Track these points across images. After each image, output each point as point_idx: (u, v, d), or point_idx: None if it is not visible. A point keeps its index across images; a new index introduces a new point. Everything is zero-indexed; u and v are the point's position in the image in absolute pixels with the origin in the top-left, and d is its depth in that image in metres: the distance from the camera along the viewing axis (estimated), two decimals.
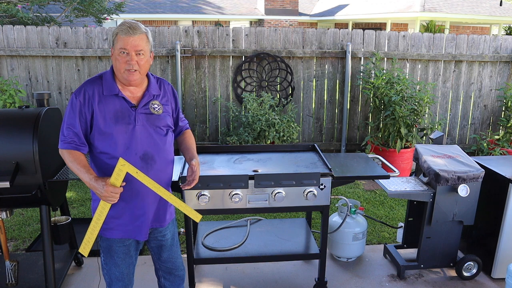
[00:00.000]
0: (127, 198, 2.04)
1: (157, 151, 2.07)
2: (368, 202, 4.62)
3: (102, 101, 1.98)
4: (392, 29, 17.12)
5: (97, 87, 1.99)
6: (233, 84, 5.69)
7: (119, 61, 1.94)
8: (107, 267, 2.17)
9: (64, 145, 1.99)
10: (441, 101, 6.02)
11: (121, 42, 1.92)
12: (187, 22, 17.40)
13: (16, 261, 2.81)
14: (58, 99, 5.56)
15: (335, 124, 5.98)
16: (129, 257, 2.17)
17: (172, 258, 2.35)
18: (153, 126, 2.06)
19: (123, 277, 2.18)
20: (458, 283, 3.14)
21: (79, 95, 1.97)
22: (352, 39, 5.72)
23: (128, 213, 2.07)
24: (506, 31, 17.06)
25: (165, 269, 2.37)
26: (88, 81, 2.03)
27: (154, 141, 2.06)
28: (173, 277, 2.40)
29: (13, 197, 2.54)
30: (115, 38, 1.94)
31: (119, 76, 1.99)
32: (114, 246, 2.11)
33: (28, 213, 4.27)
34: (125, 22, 1.96)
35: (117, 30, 1.94)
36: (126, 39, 1.91)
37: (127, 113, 2.00)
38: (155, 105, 2.09)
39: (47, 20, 8.99)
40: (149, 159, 2.05)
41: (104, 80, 2.01)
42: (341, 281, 3.17)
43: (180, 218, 4.10)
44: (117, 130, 1.97)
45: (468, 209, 3.04)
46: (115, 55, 1.95)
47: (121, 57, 1.93)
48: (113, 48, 1.97)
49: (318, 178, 2.60)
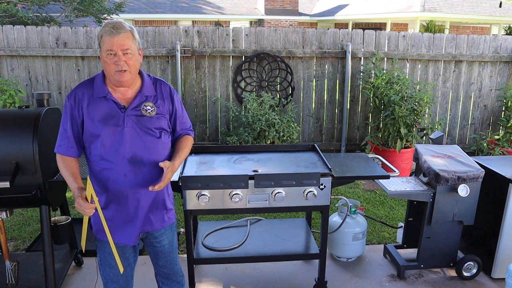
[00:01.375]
0: (117, 202, 2.03)
1: (147, 154, 2.00)
2: (368, 202, 4.62)
3: (91, 104, 1.96)
4: (392, 29, 17.12)
5: (87, 89, 1.98)
6: (233, 84, 5.69)
7: (107, 63, 1.89)
8: (102, 268, 2.17)
9: (56, 148, 2.04)
10: (441, 101, 6.02)
11: (107, 44, 1.86)
12: (187, 22, 17.40)
13: (16, 261, 2.81)
14: (58, 99, 5.56)
15: (335, 124, 5.98)
16: (124, 259, 2.12)
17: (170, 264, 2.30)
18: (144, 128, 1.99)
19: (117, 279, 2.16)
20: (458, 283, 3.14)
21: (70, 98, 1.98)
22: (352, 39, 5.72)
23: (118, 217, 2.05)
24: (506, 31, 17.05)
25: (163, 274, 2.34)
26: (81, 84, 2.02)
27: (144, 144, 2.00)
28: (171, 282, 2.36)
29: (13, 197, 2.54)
30: (101, 41, 1.89)
31: (110, 78, 1.94)
32: (107, 248, 2.08)
33: (28, 213, 4.27)
34: (108, 23, 1.89)
35: (101, 32, 1.88)
36: (111, 40, 1.85)
37: (116, 115, 1.95)
38: (148, 107, 2.01)
39: (47, 20, 8.99)
40: (137, 162, 1.99)
41: (95, 83, 2.00)
42: (341, 281, 3.17)
43: (180, 218, 4.11)
44: (105, 132, 1.94)
45: (468, 209, 3.03)
46: (103, 57, 1.90)
47: (108, 58, 1.88)
48: (100, 51, 1.92)
49: (318, 178, 2.60)
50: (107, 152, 1.96)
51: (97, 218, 2.02)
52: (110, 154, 1.96)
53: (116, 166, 1.97)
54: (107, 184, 2.00)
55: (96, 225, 2.08)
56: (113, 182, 1.99)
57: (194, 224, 3.31)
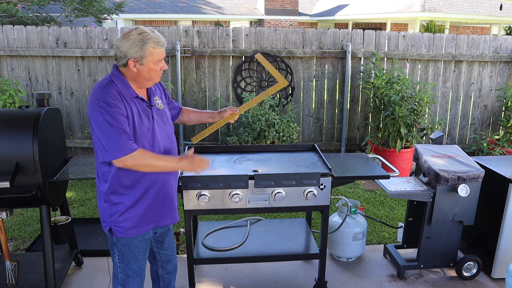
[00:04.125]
0: (160, 190, 2.14)
1: (169, 143, 2.18)
2: (368, 202, 4.62)
3: (127, 104, 1.99)
4: (392, 29, 17.12)
5: (117, 91, 1.98)
6: (233, 84, 5.69)
7: (156, 71, 2.01)
8: (123, 264, 2.19)
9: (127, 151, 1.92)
10: (441, 101, 6.02)
11: (159, 54, 1.98)
12: (187, 22, 17.40)
13: (16, 261, 2.81)
14: (58, 99, 5.56)
15: (335, 124, 5.98)
16: (147, 252, 2.25)
17: (171, 243, 2.47)
18: (163, 120, 2.15)
19: (141, 272, 2.24)
20: (458, 283, 3.14)
21: (111, 99, 1.93)
22: (352, 39, 5.72)
23: (163, 202, 2.17)
24: (506, 31, 17.05)
25: (164, 257, 2.46)
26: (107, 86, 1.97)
27: (167, 135, 2.17)
28: (170, 266, 2.50)
29: (13, 197, 2.54)
30: (146, 52, 1.93)
31: (145, 82, 2.04)
32: (135, 242, 2.15)
33: (28, 213, 4.27)
34: (152, 36, 1.95)
35: (148, 44, 1.93)
36: (162, 52, 1.99)
37: (146, 113, 2.06)
38: (158, 101, 2.18)
39: (47, 20, 8.99)
40: (167, 152, 2.16)
41: (119, 85, 2.00)
42: (341, 281, 3.17)
43: (180, 218, 4.10)
44: (142, 130, 2.02)
45: (468, 209, 3.04)
46: (151, 66, 1.97)
47: (157, 67, 2.00)
48: (144, 60, 1.95)
49: (318, 178, 2.60)
50: (145, 147, 2.04)
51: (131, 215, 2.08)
52: (148, 149, 2.04)
53: None
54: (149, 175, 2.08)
55: (128, 222, 2.09)
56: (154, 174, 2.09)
57: (194, 224, 3.31)
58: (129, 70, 1.99)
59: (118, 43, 1.96)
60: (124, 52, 1.94)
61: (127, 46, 1.93)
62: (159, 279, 2.52)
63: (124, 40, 1.93)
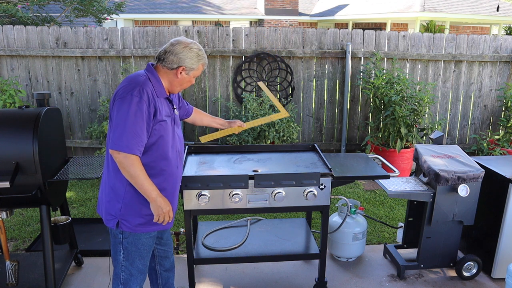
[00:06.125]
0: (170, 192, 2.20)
1: (181, 146, 2.29)
2: (368, 202, 4.62)
3: (158, 102, 2.05)
4: (392, 29, 17.13)
5: (150, 88, 2.03)
6: (233, 84, 5.69)
7: (189, 83, 2.18)
8: (127, 263, 2.19)
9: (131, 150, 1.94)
10: (441, 101, 6.02)
11: (200, 71, 2.16)
12: (187, 22, 17.40)
13: (16, 261, 2.81)
14: (58, 99, 5.56)
15: (335, 124, 5.98)
16: (151, 249, 2.28)
17: (169, 239, 2.53)
18: (177, 124, 2.27)
19: (145, 269, 2.27)
20: (458, 283, 3.14)
21: (142, 95, 1.96)
22: (352, 39, 5.72)
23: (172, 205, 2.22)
24: (506, 31, 17.05)
25: (163, 253, 2.50)
26: (140, 81, 2.01)
27: (180, 138, 2.27)
28: (167, 262, 2.54)
29: (13, 197, 2.54)
30: (197, 66, 2.12)
31: (175, 89, 2.17)
32: (142, 239, 2.17)
33: (28, 213, 4.27)
34: (204, 56, 2.15)
35: (201, 61, 2.13)
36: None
37: (171, 114, 2.16)
38: (175, 105, 2.30)
39: (47, 20, 8.99)
40: (181, 153, 2.27)
41: (154, 84, 2.06)
42: (341, 281, 3.17)
43: (180, 218, 4.11)
44: (166, 130, 2.11)
45: (468, 209, 3.04)
46: (190, 78, 2.14)
47: (193, 80, 2.18)
48: (191, 72, 2.12)
49: (318, 178, 2.60)
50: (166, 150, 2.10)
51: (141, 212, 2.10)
52: (167, 149, 2.11)
53: (172, 161, 2.15)
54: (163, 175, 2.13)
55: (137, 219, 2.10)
56: (169, 175, 2.15)
57: (194, 224, 3.31)
58: (171, 74, 2.10)
59: (176, 49, 2.06)
60: (181, 58, 2.07)
61: (186, 56, 2.07)
62: (157, 276, 2.54)
63: (186, 50, 2.07)
